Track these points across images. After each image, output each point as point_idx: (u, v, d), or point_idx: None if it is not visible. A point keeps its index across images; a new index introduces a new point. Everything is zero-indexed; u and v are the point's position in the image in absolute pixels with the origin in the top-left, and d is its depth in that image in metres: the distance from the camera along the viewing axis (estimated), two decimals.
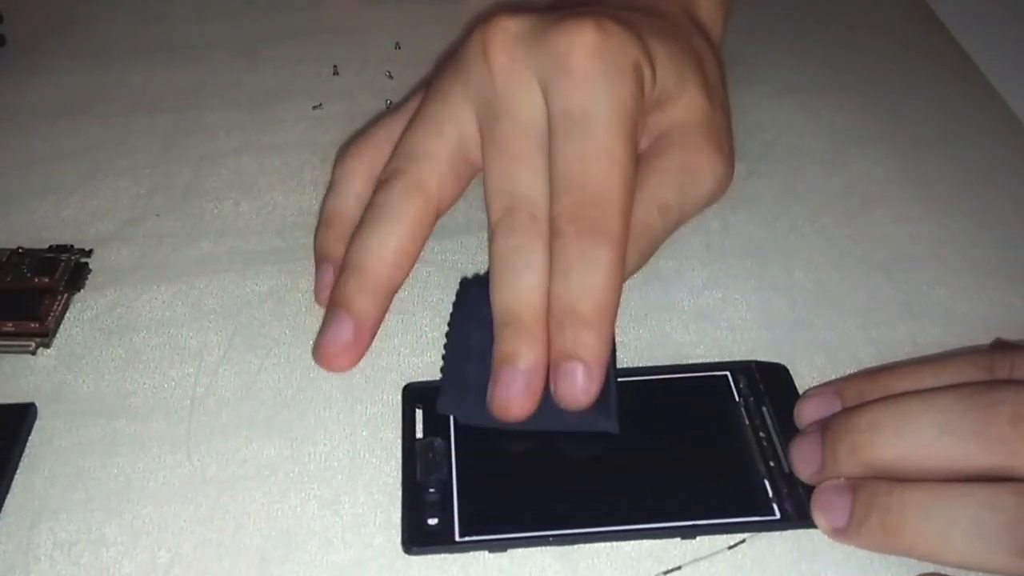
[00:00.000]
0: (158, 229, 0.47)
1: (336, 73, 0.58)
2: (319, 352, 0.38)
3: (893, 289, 0.43)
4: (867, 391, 0.35)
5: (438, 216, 0.40)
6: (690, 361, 0.40)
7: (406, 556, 0.33)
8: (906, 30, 0.61)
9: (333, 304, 0.39)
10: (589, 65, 0.37)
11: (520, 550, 0.33)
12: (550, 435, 0.36)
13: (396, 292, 0.39)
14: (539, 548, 0.33)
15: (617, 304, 0.36)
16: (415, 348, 0.41)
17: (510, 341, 0.35)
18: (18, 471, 0.36)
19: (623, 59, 0.38)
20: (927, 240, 0.45)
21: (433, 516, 0.34)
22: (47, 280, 0.44)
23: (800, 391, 0.38)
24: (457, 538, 0.33)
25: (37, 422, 0.38)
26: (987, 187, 0.48)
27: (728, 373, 0.39)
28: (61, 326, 0.42)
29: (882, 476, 0.32)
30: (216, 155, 0.52)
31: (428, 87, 0.42)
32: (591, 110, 0.37)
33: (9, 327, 0.41)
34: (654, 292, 0.43)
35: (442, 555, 0.33)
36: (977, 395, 0.32)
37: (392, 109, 0.44)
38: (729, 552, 0.33)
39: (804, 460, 0.34)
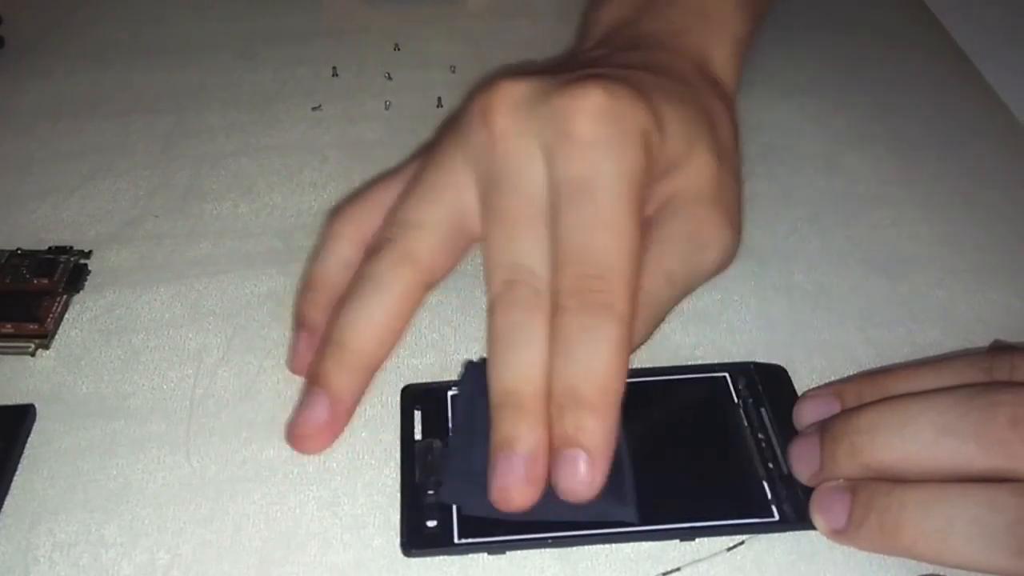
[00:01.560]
0: (157, 230, 0.47)
1: (335, 74, 0.58)
2: (292, 434, 0.36)
3: (892, 291, 0.43)
4: (866, 393, 0.35)
5: (428, 289, 0.38)
6: (689, 362, 0.40)
7: (405, 558, 0.33)
8: (905, 32, 0.61)
9: (311, 382, 0.37)
10: (595, 131, 0.35)
11: (519, 552, 0.33)
12: None
13: (378, 370, 0.37)
14: (538, 550, 0.33)
15: (623, 385, 0.33)
16: (414, 350, 0.41)
17: (508, 424, 0.33)
18: (17, 472, 0.36)
19: (631, 125, 0.36)
20: (926, 242, 0.45)
21: (432, 518, 0.34)
22: (46, 281, 0.44)
23: (799, 392, 0.38)
24: (456, 540, 0.33)
25: (36, 423, 0.38)
26: (986, 189, 0.48)
27: (727, 374, 0.39)
28: (60, 327, 0.42)
29: (881, 478, 0.32)
30: (215, 156, 0.52)
31: (427, 153, 0.41)
32: (595, 178, 0.35)
33: (8, 328, 0.41)
34: None
35: (441, 557, 0.33)
36: (976, 397, 0.32)
37: (388, 175, 0.42)
38: (728, 554, 0.33)
39: (803, 461, 0.34)
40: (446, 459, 0.35)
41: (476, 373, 0.37)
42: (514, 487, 0.32)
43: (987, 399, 0.31)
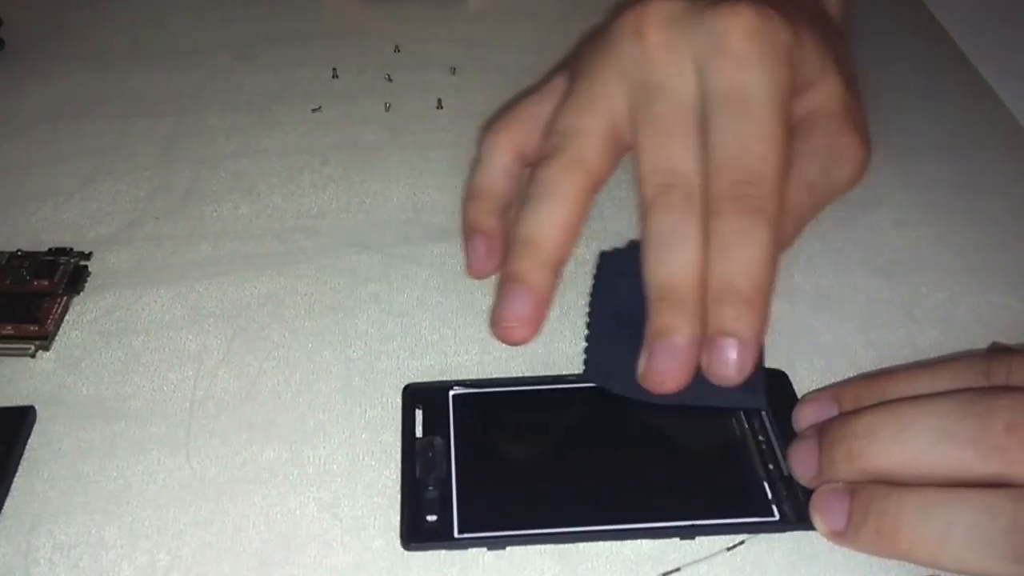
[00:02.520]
0: (157, 232, 0.47)
1: (335, 76, 0.58)
2: (500, 325, 0.38)
3: (892, 292, 0.43)
4: (864, 396, 0.35)
5: (596, 191, 0.40)
6: None
7: (406, 559, 0.33)
8: (904, 33, 0.61)
9: (509, 279, 0.38)
10: (748, 47, 0.38)
11: (519, 548, 0.33)
12: (550, 435, 0.36)
13: (563, 268, 0.39)
14: (538, 547, 0.33)
15: (774, 282, 0.36)
16: (414, 351, 0.41)
17: (667, 315, 0.35)
18: (17, 474, 0.36)
19: (779, 43, 0.38)
20: (926, 243, 0.45)
21: (432, 513, 0.34)
22: (46, 283, 0.44)
23: (799, 394, 0.38)
24: (456, 535, 0.33)
25: (36, 425, 0.38)
26: (986, 190, 0.48)
27: None
28: (60, 329, 0.42)
29: (880, 481, 0.32)
30: (215, 158, 0.52)
31: (574, 66, 0.43)
32: (750, 90, 0.37)
33: (8, 330, 0.41)
34: None
35: (441, 552, 0.33)
36: (974, 402, 0.32)
37: (532, 89, 0.45)
38: (728, 553, 0.33)
39: (801, 464, 0.34)
40: (589, 344, 0.39)
41: (614, 262, 0.42)
42: (669, 372, 0.35)
43: (985, 404, 0.31)
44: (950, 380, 0.34)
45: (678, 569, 0.33)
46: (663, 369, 0.35)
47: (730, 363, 0.35)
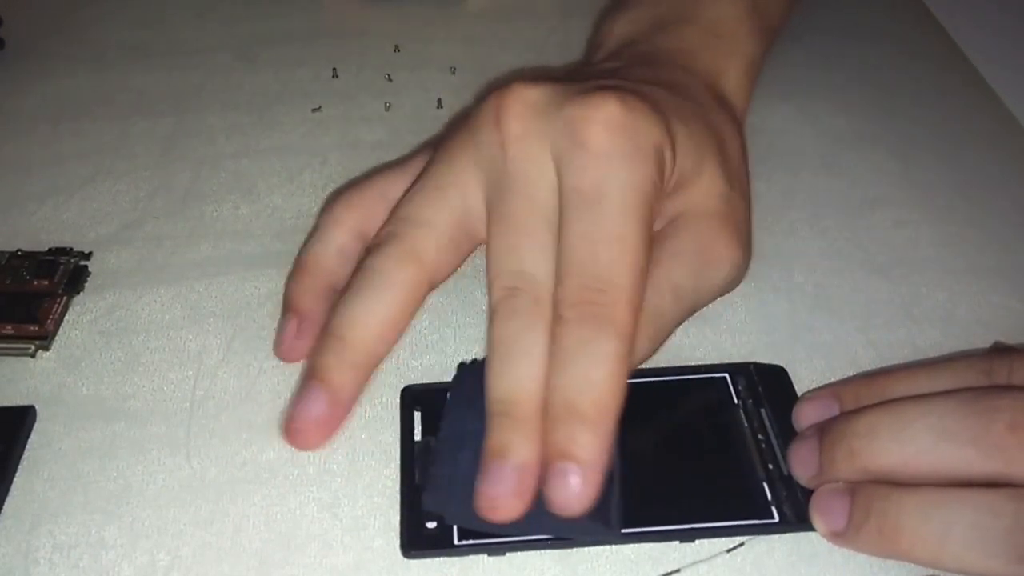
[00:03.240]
0: (157, 232, 0.47)
1: (335, 76, 0.58)
2: (289, 427, 0.35)
3: (892, 292, 0.43)
4: (864, 395, 0.35)
5: (431, 289, 0.37)
6: (689, 363, 0.40)
7: (405, 559, 0.33)
8: (905, 33, 0.61)
9: (309, 376, 0.35)
10: (608, 142, 0.35)
11: (519, 553, 0.33)
12: None
13: (377, 367, 0.36)
14: (537, 551, 0.33)
15: (620, 400, 0.32)
16: (413, 351, 0.41)
17: (502, 433, 0.32)
18: (17, 474, 0.36)
19: (644, 139, 0.36)
20: (926, 243, 0.45)
21: (432, 519, 0.34)
22: (46, 283, 0.44)
23: (799, 394, 0.38)
24: (456, 542, 0.33)
25: (36, 425, 0.38)
26: (986, 190, 0.48)
27: (727, 375, 0.39)
28: (60, 329, 0.42)
29: (880, 481, 0.32)
30: (215, 158, 0.52)
31: (435, 150, 0.40)
32: (605, 189, 0.34)
33: (8, 330, 0.41)
34: None
35: (441, 559, 0.33)
36: (975, 401, 0.32)
37: (390, 166, 0.43)
38: (728, 555, 0.33)
39: (802, 464, 0.34)
40: (432, 464, 0.35)
41: (469, 375, 0.37)
42: (502, 498, 0.32)
43: (986, 403, 0.31)
44: (951, 379, 0.34)
45: (678, 570, 0.33)
46: (495, 494, 0.32)
47: (568, 491, 0.31)
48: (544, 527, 0.33)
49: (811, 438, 0.34)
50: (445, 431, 0.36)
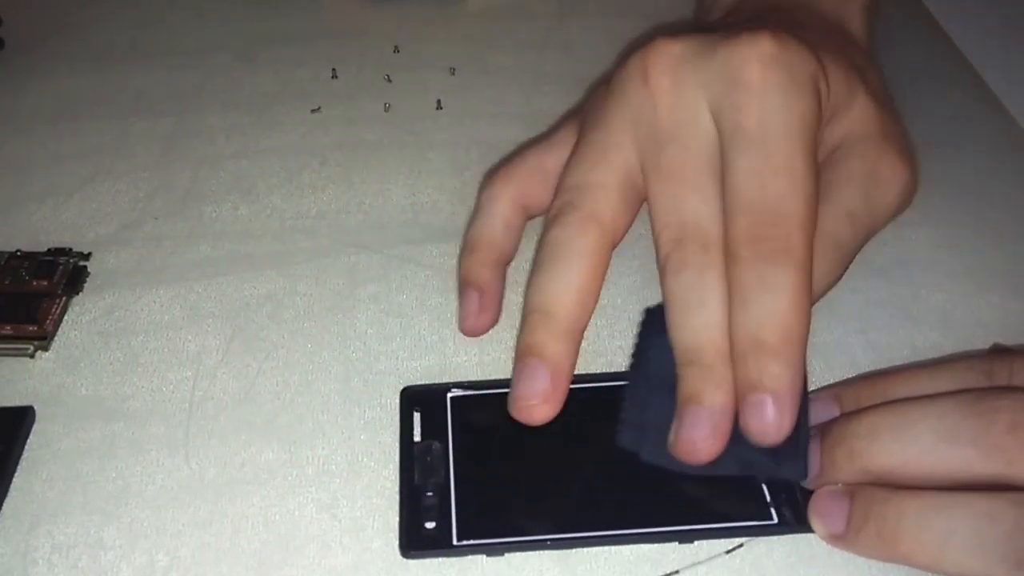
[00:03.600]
0: (157, 232, 0.47)
1: (335, 76, 0.58)
2: (517, 404, 0.35)
3: (891, 294, 0.43)
4: (865, 396, 0.35)
5: (613, 248, 0.38)
6: None
7: (404, 560, 0.33)
8: (904, 34, 0.61)
9: (525, 354, 0.35)
10: (769, 77, 0.35)
11: (517, 554, 0.33)
12: (548, 438, 0.36)
13: (583, 334, 0.36)
14: (536, 552, 0.33)
15: (807, 329, 0.33)
16: (413, 352, 0.41)
17: (693, 381, 0.33)
18: (16, 474, 0.36)
19: (800, 72, 0.36)
20: (925, 245, 0.45)
21: (431, 520, 0.34)
22: (45, 283, 0.44)
23: None
24: (455, 542, 0.33)
25: (35, 425, 0.38)
26: (985, 192, 0.48)
27: None
28: (59, 329, 0.42)
29: (880, 483, 0.32)
30: (215, 158, 0.52)
31: (584, 117, 0.41)
32: (770, 124, 0.35)
33: (7, 330, 0.41)
34: (653, 297, 0.42)
35: (440, 559, 0.33)
36: (975, 402, 0.32)
37: (537, 140, 0.44)
38: (727, 556, 0.33)
39: None
40: (624, 405, 0.36)
41: (656, 319, 0.37)
42: (700, 440, 0.33)
43: (986, 404, 0.31)
44: (951, 380, 0.34)
45: (677, 572, 0.33)
46: (692, 438, 0.33)
47: (765, 420, 0.32)
48: (735, 467, 0.34)
49: (812, 439, 0.34)
50: (634, 372, 0.37)
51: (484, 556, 0.33)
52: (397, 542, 0.34)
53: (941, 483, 0.31)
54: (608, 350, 0.40)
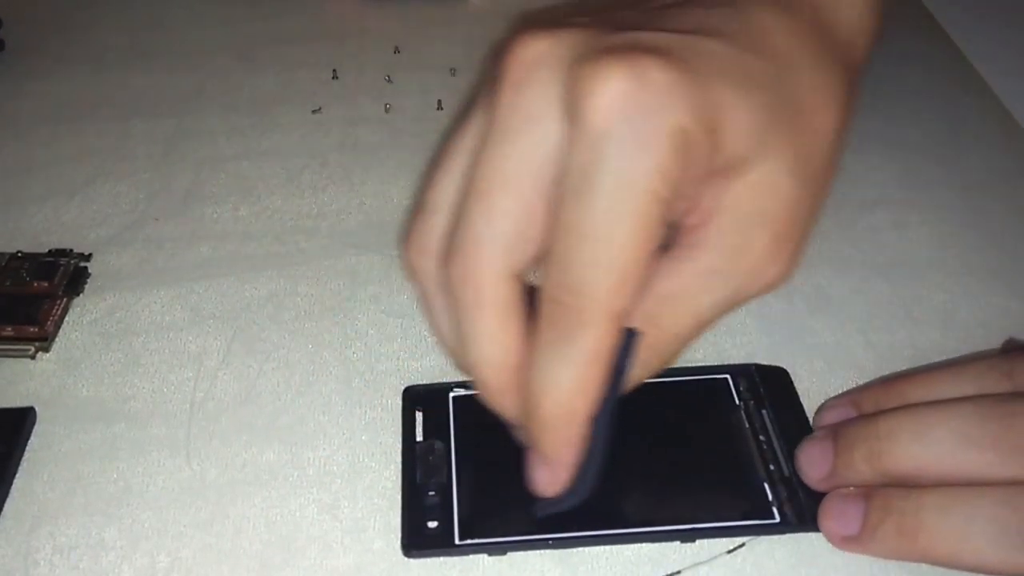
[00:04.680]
0: (157, 233, 0.47)
1: (335, 77, 0.58)
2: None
3: (892, 293, 0.43)
4: (883, 400, 0.35)
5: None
6: (690, 364, 0.40)
7: (405, 561, 0.33)
8: (905, 34, 0.61)
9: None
10: (607, 123, 0.28)
11: (519, 553, 0.33)
12: None
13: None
14: (538, 552, 0.33)
15: (586, 403, 0.30)
16: (414, 352, 0.41)
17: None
18: (17, 475, 0.36)
19: (658, 120, 0.28)
20: (926, 245, 0.45)
21: (433, 519, 0.34)
22: (46, 284, 0.44)
23: (800, 395, 0.38)
24: (457, 541, 0.33)
25: (36, 426, 0.38)
26: (986, 192, 0.48)
27: (728, 376, 0.39)
28: (60, 330, 0.42)
29: (896, 485, 0.32)
30: (215, 160, 0.52)
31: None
32: (596, 177, 0.29)
33: (8, 331, 0.41)
34: None
35: (441, 558, 0.33)
36: (996, 405, 0.32)
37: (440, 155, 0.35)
38: (728, 556, 0.33)
39: (812, 464, 0.34)
40: None
41: None
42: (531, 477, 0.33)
43: (1007, 408, 0.31)
44: (972, 383, 0.34)
45: (679, 572, 0.33)
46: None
47: (535, 477, 0.32)
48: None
49: (824, 439, 0.34)
50: None
51: (486, 555, 0.33)
52: (399, 542, 0.34)
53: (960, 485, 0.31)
54: None
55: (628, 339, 0.31)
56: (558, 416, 0.31)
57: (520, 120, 0.30)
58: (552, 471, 0.32)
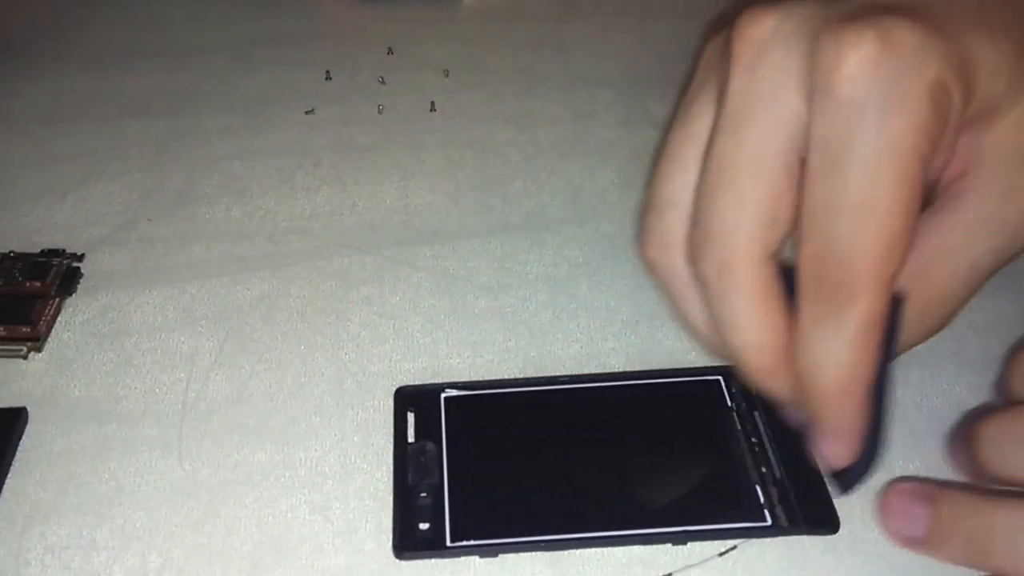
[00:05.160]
0: (150, 234, 0.47)
1: (329, 78, 0.58)
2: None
3: None
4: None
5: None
6: (683, 365, 0.40)
7: (397, 562, 0.33)
8: None
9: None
10: (860, 91, 0.28)
11: (511, 555, 0.33)
12: (542, 438, 0.37)
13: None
14: (530, 553, 0.34)
15: (863, 376, 0.30)
16: (406, 353, 0.41)
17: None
18: (9, 475, 0.36)
19: (912, 80, 0.28)
20: None
21: (424, 521, 0.34)
22: (39, 284, 0.44)
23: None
24: (448, 543, 0.33)
25: (28, 426, 0.38)
26: None
27: (720, 378, 0.39)
28: (53, 330, 0.42)
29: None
30: (209, 160, 0.52)
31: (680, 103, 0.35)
32: (853, 147, 0.28)
33: (0, 331, 0.41)
34: (646, 299, 0.43)
35: (433, 560, 0.33)
36: None
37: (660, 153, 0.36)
38: (720, 559, 0.33)
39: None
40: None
41: None
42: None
43: None
44: None
45: (670, 574, 0.33)
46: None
47: (828, 453, 0.33)
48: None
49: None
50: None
51: (477, 557, 0.33)
52: (390, 543, 0.34)
53: None
54: (601, 352, 0.40)
55: (895, 302, 0.31)
56: (839, 390, 0.31)
57: (758, 102, 0.30)
58: (841, 442, 0.32)
